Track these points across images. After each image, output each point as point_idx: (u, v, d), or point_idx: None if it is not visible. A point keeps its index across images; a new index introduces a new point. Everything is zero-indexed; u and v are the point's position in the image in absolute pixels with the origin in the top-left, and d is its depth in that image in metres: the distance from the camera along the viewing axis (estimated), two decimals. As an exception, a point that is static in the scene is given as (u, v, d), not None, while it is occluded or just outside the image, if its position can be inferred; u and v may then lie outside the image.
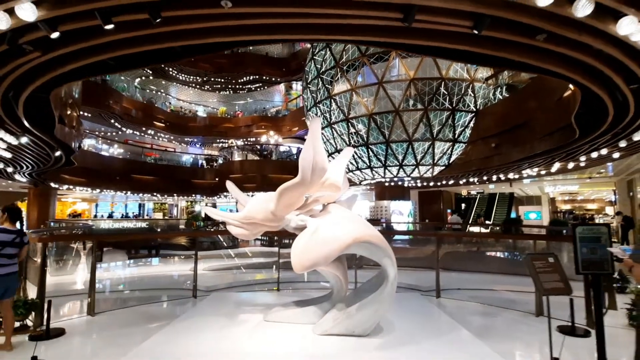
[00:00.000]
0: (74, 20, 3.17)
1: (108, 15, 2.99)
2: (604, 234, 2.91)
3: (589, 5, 2.86)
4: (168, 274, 8.98)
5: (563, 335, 3.46)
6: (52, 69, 4.08)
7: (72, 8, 2.98)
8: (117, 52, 3.62)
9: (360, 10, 3.03)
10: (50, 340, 3.95)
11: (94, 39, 3.44)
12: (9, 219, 3.79)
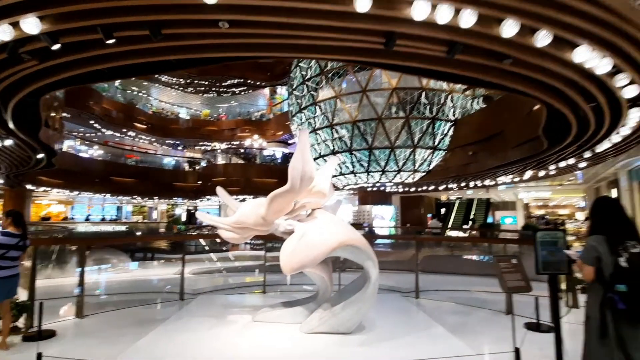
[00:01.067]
0: (75, 33, 3.32)
1: (110, 30, 3.16)
2: (560, 238, 3.27)
3: (548, 36, 3.26)
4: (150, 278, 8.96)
5: (525, 330, 3.83)
6: (48, 76, 4.18)
7: (75, 23, 3.13)
8: (115, 63, 3.77)
9: (346, 34, 3.33)
10: (42, 341, 4.00)
11: (92, 51, 3.59)
12: (13, 222, 3.91)
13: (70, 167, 18.33)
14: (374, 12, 2.89)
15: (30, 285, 4.63)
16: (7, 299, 3.79)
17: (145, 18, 3.01)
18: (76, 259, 8.89)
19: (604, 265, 2.38)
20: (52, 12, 3.04)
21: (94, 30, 3.21)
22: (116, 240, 11.94)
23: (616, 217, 2.50)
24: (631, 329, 2.29)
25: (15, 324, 4.40)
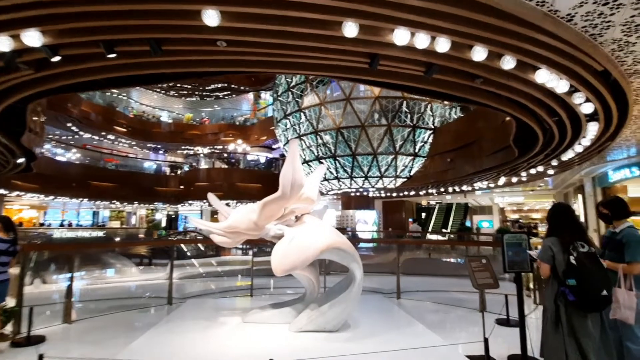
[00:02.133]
0: (76, 47, 3.47)
1: (111, 45, 3.33)
2: (524, 240, 3.66)
3: (512, 61, 3.67)
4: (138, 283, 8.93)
5: (496, 325, 4.21)
6: (42, 84, 4.27)
7: (78, 38, 3.29)
8: (113, 74, 3.93)
9: (334, 54, 3.63)
10: (31, 347, 4.04)
11: (91, 62, 3.74)
12: (4, 228, 3.95)
13: (46, 171, 17.80)
14: (360, 37, 3.21)
15: (18, 291, 4.65)
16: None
17: (147, 36, 3.21)
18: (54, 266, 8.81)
19: (558, 263, 2.76)
20: (55, 27, 3.19)
21: (95, 44, 3.37)
22: (114, 245, 11.77)
23: (568, 222, 2.89)
24: (580, 318, 2.66)
25: (1, 331, 4.42)
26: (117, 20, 3.03)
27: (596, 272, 2.61)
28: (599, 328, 2.69)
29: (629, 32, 3.26)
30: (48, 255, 8.36)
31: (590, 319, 2.66)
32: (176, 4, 2.84)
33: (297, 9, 2.90)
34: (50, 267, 8.41)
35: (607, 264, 3.01)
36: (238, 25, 3.11)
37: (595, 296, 2.56)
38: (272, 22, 3.09)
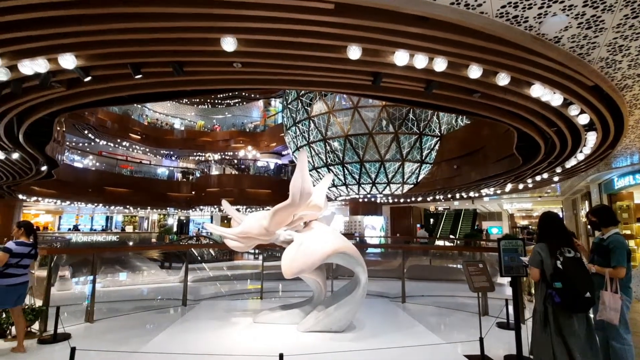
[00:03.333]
0: (106, 68, 3.85)
1: (138, 67, 3.70)
2: (520, 246, 3.88)
3: (507, 78, 3.92)
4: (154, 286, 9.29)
5: (497, 328, 4.40)
6: (72, 100, 4.67)
7: (108, 61, 3.66)
8: (137, 91, 4.30)
9: (340, 73, 3.94)
10: (57, 343, 4.37)
11: (118, 81, 4.11)
12: (25, 233, 4.25)
13: (64, 177, 18.45)
14: (363, 58, 3.50)
15: (45, 292, 5.03)
16: (18, 305, 4.11)
17: (171, 59, 3.57)
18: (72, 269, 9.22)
19: (546, 267, 2.98)
20: (89, 52, 3.57)
21: (124, 66, 3.75)
22: (136, 248, 12.22)
23: (555, 229, 3.11)
24: (566, 318, 2.87)
25: (30, 329, 4.78)
26: (144, 46, 3.39)
27: (580, 275, 2.83)
28: (584, 328, 2.89)
29: (614, 52, 3.48)
30: (72, 259, 8.78)
31: (576, 319, 2.86)
32: (198, 33, 3.19)
33: (306, 36, 3.23)
34: (74, 269, 8.85)
35: (595, 269, 3.22)
36: (252, 50, 3.45)
37: (579, 298, 2.77)
38: (282, 47, 3.42)
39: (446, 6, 2.85)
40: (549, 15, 3.00)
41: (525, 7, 2.91)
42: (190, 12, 2.92)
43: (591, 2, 2.83)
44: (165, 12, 2.95)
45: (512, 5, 2.88)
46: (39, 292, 5.40)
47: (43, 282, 5.76)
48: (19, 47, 3.45)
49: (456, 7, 2.88)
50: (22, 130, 6.08)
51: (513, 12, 2.97)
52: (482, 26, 3.06)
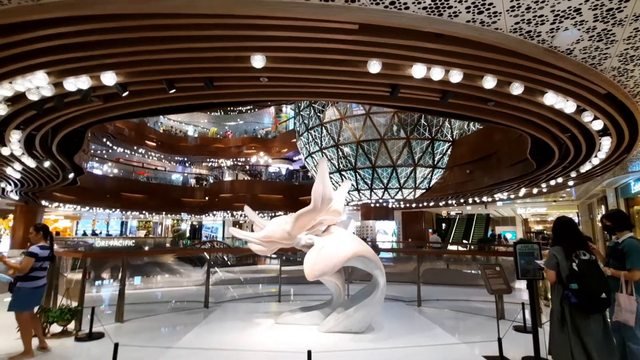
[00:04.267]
0: (142, 84, 4.15)
1: (172, 83, 3.99)
2: (536, 249, 4.00)
3: (520, 87, 4.07)
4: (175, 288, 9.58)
5: (514, 332, 4.49)
6: (107, 113, 5.00)
7: (145, 77, 3.96)
8: (169, 104, 4.60)
9: (360, 85, 4.16)
10: (93, 341, 4.64)
11: (152, 95, 4.42)
12: (43, 236, 4.26)
13: (84, 184, 19.05)
14: (383, 72, 3.72)
15: (80, 293, 5.33)
16: (37, 306, 4.26)
17: (203, 75, 3.84)
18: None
19: (562, 269, 3.11)
20: (128, 70, 3.87)
21: (159, 82, 4.04)
22: (165, 252, 12.64)
23: (570, 233, 3.24)
24: (583, 318, 2.99)
25: (65, 328, 5.07)
26: (179, 64, 3.68)
27: (596, 277, 2.95)
28: (601, 328, 3.00)
29: (625, 62, 3.62)
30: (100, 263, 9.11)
31: (593, 319, 2.98)
32: (229, 52, 3.46)
33: (330, 53, 3.46)
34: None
35: (610, 271, 3.33)
36: (278, 66, 3.70)
37: (594, 299, 2.89)
38: (307, 63, 3.66)
39: (463, 24, 3.05)
40: (561, 30, 3.16)
41: (538, 23, 3.08)
42: (223, 34, 3.19)
43: (601, 18, 2.99)
44: (200, 35, 3.23)
45: (526, 21, 3.06)
46: (73, 293, 5.70)
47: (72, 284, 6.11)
48: (65, 67, 3.78)
49: (472, 24, 3.07)
50: (56, 140, 6.46)
51: (526, 28, 3.15)
52: (497, 41, 3.24)
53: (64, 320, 4.94)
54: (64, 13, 2.88)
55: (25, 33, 3.17)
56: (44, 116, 5.12)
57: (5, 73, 3.81)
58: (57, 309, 5.00)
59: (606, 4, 2.83)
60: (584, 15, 2.96)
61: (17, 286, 3.97)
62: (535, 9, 2.90)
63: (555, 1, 2.81)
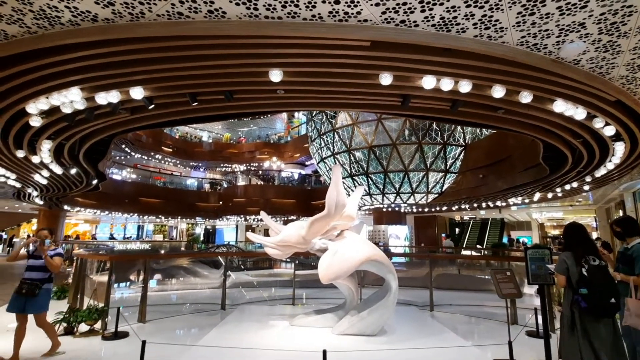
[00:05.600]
0: (167, 97, 4.43)
1: (195, 96, 4.25)
2: (546, 254, 4.07)
3: (529, 96, 4.17)
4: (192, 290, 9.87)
5: (526, 337, 4.55)
6: (133, 123, 5.31)
7: (170, 91, 4.24)
8: (191, 115, 4.88)
9: (372, 96, 4.34)
10: (119, 340, 4.90)
11: (176, 107, 4.70)
12: (54, 240, 4.49)
13: (104, 189, 19.71)
14: (394, 83, 3.89)
15: (106, 294, 5.62)
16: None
17: (224, 89, 4.09)
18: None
19: (572, 274, 3.19)
20: (154, 85, 4.15)
21: (182, 95, 4.31)
22: (190, 255, 13.05)
23: (580, 238, 3.31)
24: (592, 322, 3.07)
25: (92, 327, 5.36)
26: (201, 80, 3.94)
27: (605, 282, 3.03)
28: (611, 332, 3.07)
29: (633, 71, 3.69)
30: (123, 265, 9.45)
31: (603, 324, 3.05)
32: (249, 68, 3.69)
33: (343, 67, 3.66)
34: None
35: (620, 277, 3.39)
36: (295, 79, 3.92)
37: (604, 303, 2.97)
38: (321, 76, 3.87)
39: (470, 39, 3.20)
40: (567, 42, 3.28)
41: (544, 37, 3.21)
42: (244, 52, 3.42)
43: (606, 30, 3.10)
44: (222, 53, 3.47)
45: (532, 35, 3.19)
46: (99, 294, 6.01)
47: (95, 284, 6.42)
48: (97, 83, 4.08)
49: (479, 39, 3.22)
50: (84, 149, 6.84)
51: (532, 41, 3.27)
52: (504, 54, 3.37)
53: (92, 320, 5.24)
54: (100, 36, 3.16)
55: (62, 54, 3.47)
56: (74, 127, 5.46)
57: (43, 89, 4.14)
58: (85, 309, 5.31)
59: (609, 18, 2.93)
60: (589, 28, 3.07)
61: (45, 287, 4.14)
62: (540, 24, 3.03)
63: (560, 16, 2.93)
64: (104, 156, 8.01)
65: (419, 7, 2.82)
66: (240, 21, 2.95)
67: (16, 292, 4.01)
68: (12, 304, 4.01)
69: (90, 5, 2.86)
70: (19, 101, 4.39)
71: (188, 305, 7.43)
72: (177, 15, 2.92)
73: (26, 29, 3.17)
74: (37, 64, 3.58)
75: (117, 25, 3.04)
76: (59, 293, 7.40)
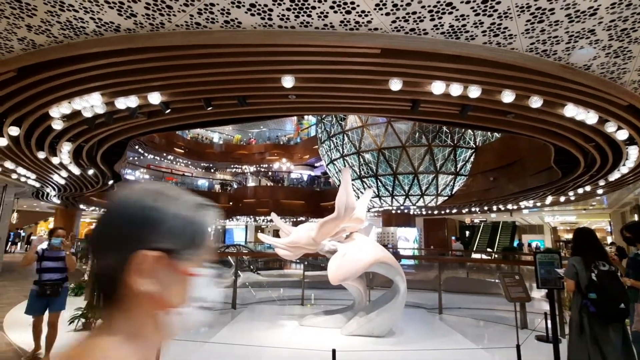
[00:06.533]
0: (183, 102, 4.58)
1: (210, 101, 4.39)
2: (556, 259, 4.08)
3: (539, 101, 4.19)
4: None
5: (536, 341, 4.55)
6: (149, 127, 5.50)
7: (186, 97, 4.39)
8: (205, 119, 5.03)
9: (382, 101, 4.42)
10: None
11: (191, 112, 4.85)
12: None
13: (118, 189, 20.18)
14: (404, 89, 3.96)
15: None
16: None
17: (238, 94, 4.22)
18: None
19: (581, 279, 3.21)
20: (171, 91, 4.31)
21: (198, 100, 4.46)
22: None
23: (590, 243, 3.33)
24: (602, 327, 3.08)
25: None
26: (216, 85, 4.08)
27: (614, 287, 3.04)
28: (620, 338, 3.08)
29: (645, 76, 3.68)
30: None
31: (612, 329, 3.06)
32: (262, 74, 3.82)
33: (354, 73, 3.74)
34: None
35: (630, 282, 3.38)
36: (306, 85, 4.02)
37: (613, 308, 2.98)
38: (332, 82, 3.96)
39: (479, 46, 3.25)
40: (577, 48, 3.30)
41: (553, 43, 3.24)
42: (257, 60, 3.54)
43: (616, 37, 3.12)
44: (237, 60, 3.59)
45: (541, 42, 3.22)
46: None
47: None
48: (117, 89, 4.26)
49: (488, 45, 3.27)
50: (101, 151, 7.07)
51: (542, 47, 3.31)
52: (513, 60, 3.41)
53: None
54: (122, 45, 3.32)
55: (85, 62, 3.64)
56: (94, 130, 5.67)
57: (66, 95, 4.33)
58: (103, 305, 5.49)
59: (620, 25, 2.96)
60: (599, 35, 3.09)
61: (65, 286, 4.18)
62: (549, 31, 3.06)
63: (569, 23, 2.97)
64: (120, 157, 8.23)
65: (428, 16, 2.89)
66: (255, 30, 3.07)
67: (39, 294, 3.91)
68: (33, 307, 3.93)
69: (113, 17, 3.01)
70: (43, 105, 4.60)
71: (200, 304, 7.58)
72: (195, 25, 3.05)
73: (53, 38, 3.34)
74: (61, 71, 3.76)
75: (138, 35, 3.18)
76: (76, 290, 7.65)
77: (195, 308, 0.58)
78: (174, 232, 0.54)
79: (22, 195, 16.64)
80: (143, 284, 0.51)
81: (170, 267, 0.53)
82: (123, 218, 0.53)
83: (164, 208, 0.55)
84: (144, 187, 0.57)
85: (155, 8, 2.87)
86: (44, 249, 4.04)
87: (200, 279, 0.57)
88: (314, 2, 2.76)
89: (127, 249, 0.51)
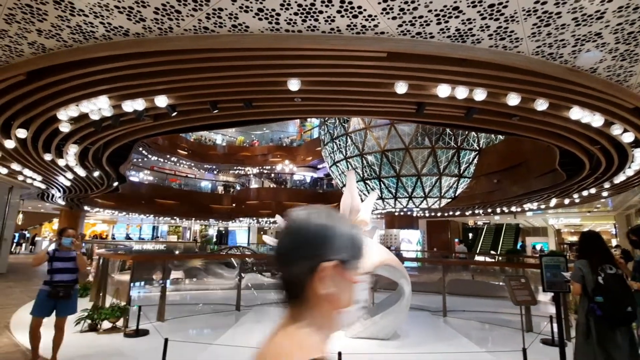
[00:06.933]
0: (189, 105, 4.61)
1: (216, 104, 4.42)
2: (562, 262, 4.06)
3: (545, 104, 4.19)
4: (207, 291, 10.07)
5: (541, 345, 4.53)
6: (155, 129, 5.53)
7: (192, 100, 4.42)
8: (211, 122, 5.06)
9: (387, 103, 4.43)
10: (140, 337, 5.08)
11: (197, 114, 4.89)
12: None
13: (122, 190, 20.27)
14: (409, 92, 3.97)
15: (128, 294, 5.84)
16: None
17: (243, 97, 4.26)
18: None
19: (587, 282, 3.20)
20: (178, 94, 4.34)
21: (204, 103, 4.49)
22: (215, 257, 13.50)
23: (596, 247, 3.32)
24: (608, 330, 3.07)
25: (114, 324, 5.57)
26: (222, 89, 4.11)
27: (621, 290, 3.03)
28: (627, 341, 3.06)
29: (652, 79, 3.68)
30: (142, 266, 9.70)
31: (619, 332, 3.05)
32: (268, 78, 3.84)
33: (360, 77, 3.77)
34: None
35: (637, 285, 3.37)
36: (312, 88, 4.04)
37: (620, 311, 2.97)
38: (338, 85, 3.99)
39: (485, 49, 3.26)
40: (583, 51, 3.30)
41: (560, 46, 3.24)
42: (263, 63, 3.57)
43: (623, 40, 3.12)
44: (243, 64, 3.62)
45: (547, 45, 3.23)
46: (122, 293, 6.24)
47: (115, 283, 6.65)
48: (124, 92, 4.30)
49: (494, 49, 3.28)
50: (107, 153, 7.12)
51: (548, 51, 3.31)
52: (519, 63, 3.42)
53: (115, 317, 5.45)
54: (130, 50, 3.36)
55: (93, 66, 3.68)
56: (100, 132, 5.72)
57: (74, 98, 4.38)
58: (109, 307, 5.53)
59: (627, 28, 2.96)
60: (605, 38, 3.09)
61: (76, 288, 4.12)
62: (556, 35, 3.07)
63: (576, 27, 2.97)
64: (126, 159, 8.29)
65: (434, 20, 2.91)
66: (262, 34, 3.10)
67: (50, 295, 3.80)
68: (40, 307, 3.80)
69: (122, 21, 3.05)
70: (51, 108, 4.65)
71: (201, 306, 7.60)
72: (203, 29, 3.08)
73: (62, 42, 3.39)
74: (70, 74, 3.81)
75: (146, 39, 3.22)
76: (81, 291, 7.69)
77: (355, 308, 0.71)
78: (343, 247, 0.67)
79: (27, 197, 16.77)
80: (325, 289, 0.64)
81: (342, 275, 0.66)
82: (308, 236, 0.66)
83: (336, 227, 0.68)
84: (316, 210, 0.72)
85: (164, 13, 2.91)
86: (55, 249, 3.99)
87: (360, 284, 0.70)
88: (321, 7, 2.78)
89: (313, 261, 0.65)
